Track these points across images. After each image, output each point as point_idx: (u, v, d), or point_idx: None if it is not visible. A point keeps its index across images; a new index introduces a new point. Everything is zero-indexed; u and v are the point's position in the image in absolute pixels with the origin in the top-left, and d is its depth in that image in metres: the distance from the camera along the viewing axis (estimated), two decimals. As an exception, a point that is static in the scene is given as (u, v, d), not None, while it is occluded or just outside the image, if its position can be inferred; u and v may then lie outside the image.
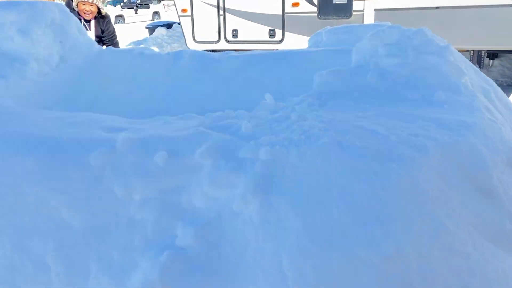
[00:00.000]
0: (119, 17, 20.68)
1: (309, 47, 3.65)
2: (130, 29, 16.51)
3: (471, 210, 1.19)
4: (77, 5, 4.65)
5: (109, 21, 5.13)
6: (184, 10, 10.09)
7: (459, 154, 1.26)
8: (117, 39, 5.29)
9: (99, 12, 4.83)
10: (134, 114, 3.19)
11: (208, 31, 10.07)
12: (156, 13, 21.75)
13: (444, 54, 1.83)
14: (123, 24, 20.05)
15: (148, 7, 13.32)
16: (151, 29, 13.98)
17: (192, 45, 10.28)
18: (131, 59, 3.18)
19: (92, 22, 4.85)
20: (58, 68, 3.00)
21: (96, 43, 3.36)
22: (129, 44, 13.35)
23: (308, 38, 8.98)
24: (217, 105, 3.16)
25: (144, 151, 1.52)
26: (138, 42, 13.41)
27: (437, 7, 8.20)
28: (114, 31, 5.20)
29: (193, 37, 10.19)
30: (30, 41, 2.75)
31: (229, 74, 3.10)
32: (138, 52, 3.18)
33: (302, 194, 1.21)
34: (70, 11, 4.67)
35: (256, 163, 1.38)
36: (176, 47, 12.91)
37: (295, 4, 9.27)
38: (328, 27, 3.52)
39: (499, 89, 2.68)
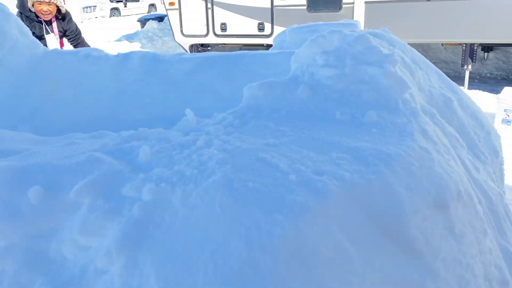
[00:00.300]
0: (115, 10, 20.37)
1: (273, 47, 3.40)
2: (124, 23, 16.22)
3: (381, 270, 0.96)
4: (33, 6, 4.28)
5: (71, 19, 4.85)
6: (171, 3, 9.80)
7: (370, 198, 1.02)
8: (83, 36, 5.02)
9: (58, 11, 4.50)
10: (80, 121, 2.96)
11: (196, 25, 9.78)
12: (152, 5, 21.40)
13: (385, 65, 1.58)
14: (118, 17, 19.75)
15: (137, 0, 13.02)
16: (143, 22, 13.70)
17: (180, 39, 10.02)
18: (78, 61, 2.94)
19: (54, 24, 4.57)
20: (-3, 73, 2.76)
21: (42, 45, 3.11)
22: (120, 38, 13.08)
23: (296, 31, 8.69)
24: (166, 111, 2.92)
25: (18, 184, 1.29)
26: (129, 36, 13.14)
27: (428, 0, 7.88)
28: (77, 29, 4.93)
29: (181, 31, 9.90)
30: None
31: (180, 78, 2.86)
32: (84, 54, 2.94)
33: (172, 252, 0.98)
34: (25, 14, 4.43)
35: (135, 204, 1.14)
36: (167, 40, 12.64)
37: (284, -3, 8.96)
38: (295, 26, 3.26)
39: (465, 96, 2.42)
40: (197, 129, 1.54)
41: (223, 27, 9.63)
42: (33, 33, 4.37)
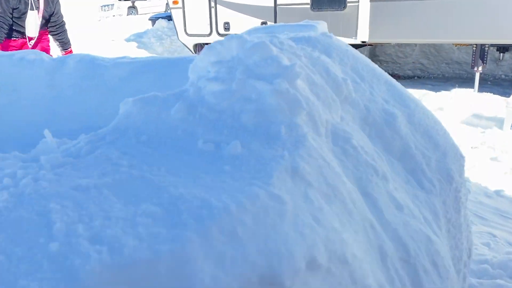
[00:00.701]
0: (132, 8, 20.36)
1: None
2: (140, 21, 16.10)
3: None
4: None
5: (59, 2, 4.78)
6: (175, 2, 9.56)
7: (153, 280, 0.72)
8: (66, 28, 4.94)
9: None
10: (13, 131, 2.73)
11: (199, 24, 9.52)
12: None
13: (276, 80, 1.25)
14: (135, 16, 19.73)
15: None
16: (154, 21, 13.57)
17: (184, 39, 9.78)
18: (11, 65, 2.70)
19: (41, 1, 4.50)
20: None
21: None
22: (130, 37, 12.97)
23: (299, 31, 8.33)
24: (101, 120, 2.66)
25: None
26: (139, 35, 13.02)
27: (436, -2, 7.39)
28: (62, 16, 4.87)
29: (185, 30, 9.66)
30: None
31: (116, 84, 2.58)
32: (18, 57, 2.70)
33: None
34: None
35: None
36: (175, 39, 12.44)
37: (288, -5, 8.60)
38: (253, 28, 2.94)
39: (420, 111, 2.06)
40: (46, 154, 1.25)
41: (226, 26, 9.34)
42: (16, 8, 4.31)
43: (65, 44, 4.92)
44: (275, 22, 8.85)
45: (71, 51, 4.86)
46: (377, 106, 1.83)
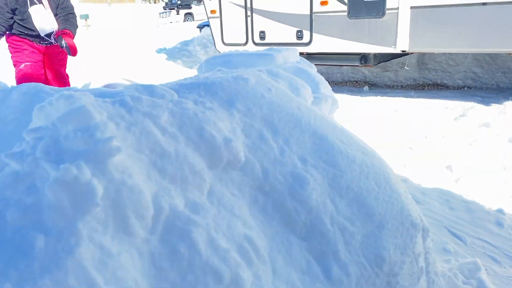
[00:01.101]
0: (189, 15, 20.69)
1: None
2: (194, 28, 16.24)
3: None
4: None
5: None
6: (213, 11, 9.41)
7: None
8: (76, 18, 4.31)
9: None
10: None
11: (236, 33, 9.28)
12: (224, 10, 21.43)
13: (64, 165, 0.94)
14: (191, 22, 20.02)
15: (190, 7, 12.85)
16: (201, 28, 13.63)
17: (221, 48, 9.59)
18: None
19: None
20: None
21: None
22: (177, 44, 13.10)
23: (337, 39, 7.87)
24: None
25: None
26: (185, 42, 13.11)
27: (484, 3, 6.58)
28: (71, 7, 4.26)
29: (222, 39, 9.48)
30: None
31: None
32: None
33: None
34: None
35: None
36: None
37: (324, 3, 8.12)
38: (211, 57, 2.64)
39: (350, 172, 1.65)
40: None
41: (262, 35, 9.03)
42: (15, 9, 3.83)
43: (61, 28, 4.12)
44: (311, 31, 8.41)
45: (66, 32, 4.06)
46: (283, 169, 1.46)
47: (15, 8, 3.90)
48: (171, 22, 20.40)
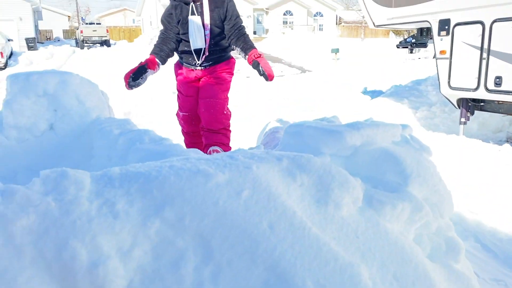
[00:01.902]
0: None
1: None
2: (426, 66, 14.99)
3: None
4: None
5: (231, 2, 3.47)
6: (442, 52, 8.25)
7: None
8: (245, 30, 3.56)
9: None
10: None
11: (465, 77, 7.87)
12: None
13: None
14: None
15: (425, 46, 11.34)
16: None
17: (446, 91, 8.27)
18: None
19: (205, 2, 3.40)
20: (44, 135, 3.15)
21: (94, 112, 3.26)
22: (409, 83, 12.26)
23: None
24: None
25: None
26: (417, 81, 12.20)
27: None
28: (239, 16, 3.51)
29: (448, 82, 8.18)
30: (10, 111, 3.01)
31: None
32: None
33: None
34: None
35: None
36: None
37: None
38: (290, 125, 2.17)
39: None
40: None
41: (498, 81, 7.41)
42: (179, 21, 3.42)
43: (247, 49, 3.41)
44: None
45: (257, 54, 3.38)
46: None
47: (178, 20, 3.46)
48: (419, 58, 19.30)
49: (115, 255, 1.12)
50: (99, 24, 33.58)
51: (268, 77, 3.24)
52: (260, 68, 3.25)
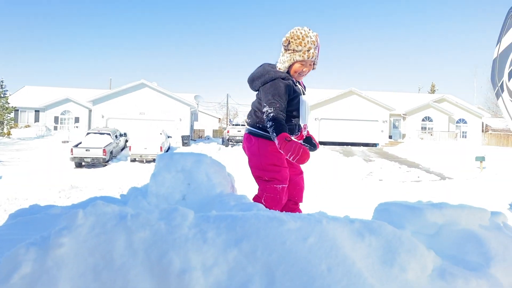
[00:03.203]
0: None
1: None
2: None
3: None
4: (291, 66, 3.40)
5: None
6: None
7: None
8: None
9: None
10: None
11: None
12: None
13: None
14: None
15: None
16: None
17: None
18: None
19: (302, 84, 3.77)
20: (177, 203, 3.77)
21: (219, 186, 3.79)
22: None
23: None
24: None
25: None
26: None
27: None
28: None
29: None
30: (154, 182, 3.74)
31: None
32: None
33: None
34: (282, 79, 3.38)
35: None
36: None
37: None
38: (380, 203, 2.31)
39: None
40: None
41: None
42: (295, 93, 3.48)
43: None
44: None
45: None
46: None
47: (291, 98, 3.50)
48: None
49: (199, 268, 1.46)
50: (244, 125, 37.37)
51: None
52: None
